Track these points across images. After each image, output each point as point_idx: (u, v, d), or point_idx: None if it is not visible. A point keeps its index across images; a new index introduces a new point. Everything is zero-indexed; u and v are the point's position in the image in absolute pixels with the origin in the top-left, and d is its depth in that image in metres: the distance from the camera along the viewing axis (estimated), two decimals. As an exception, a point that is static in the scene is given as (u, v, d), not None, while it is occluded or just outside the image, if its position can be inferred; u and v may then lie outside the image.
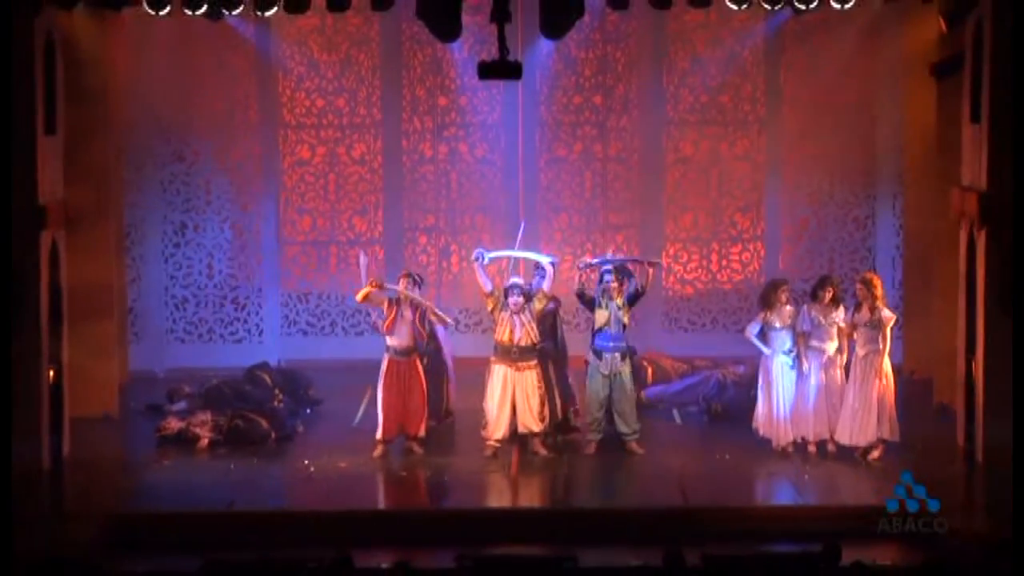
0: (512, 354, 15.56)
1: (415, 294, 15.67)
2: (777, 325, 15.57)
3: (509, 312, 15.53)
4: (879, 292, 15.25)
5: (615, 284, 15.56)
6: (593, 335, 15.72)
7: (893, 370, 15.52)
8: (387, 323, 15.62)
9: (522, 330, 15.52)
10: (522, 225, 16.59)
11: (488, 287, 15.63)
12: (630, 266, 16.06)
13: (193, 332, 20.00)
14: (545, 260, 15.86)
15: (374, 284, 15.62)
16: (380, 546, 12.96)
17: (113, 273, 17.95)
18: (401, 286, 15.62)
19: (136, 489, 14.95)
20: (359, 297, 15.67)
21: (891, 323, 15.21)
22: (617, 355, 15.60)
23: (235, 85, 19.76)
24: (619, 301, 15.55)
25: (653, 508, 14.30)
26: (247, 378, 17.72)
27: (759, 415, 15.75)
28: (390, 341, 15.66)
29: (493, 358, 15.67)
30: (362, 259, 15.75)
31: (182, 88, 19.55)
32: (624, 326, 15.59)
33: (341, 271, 20.07)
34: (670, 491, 14.77)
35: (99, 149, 17.40)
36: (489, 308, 15.71)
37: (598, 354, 15.65)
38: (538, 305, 15.59)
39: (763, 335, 15.66)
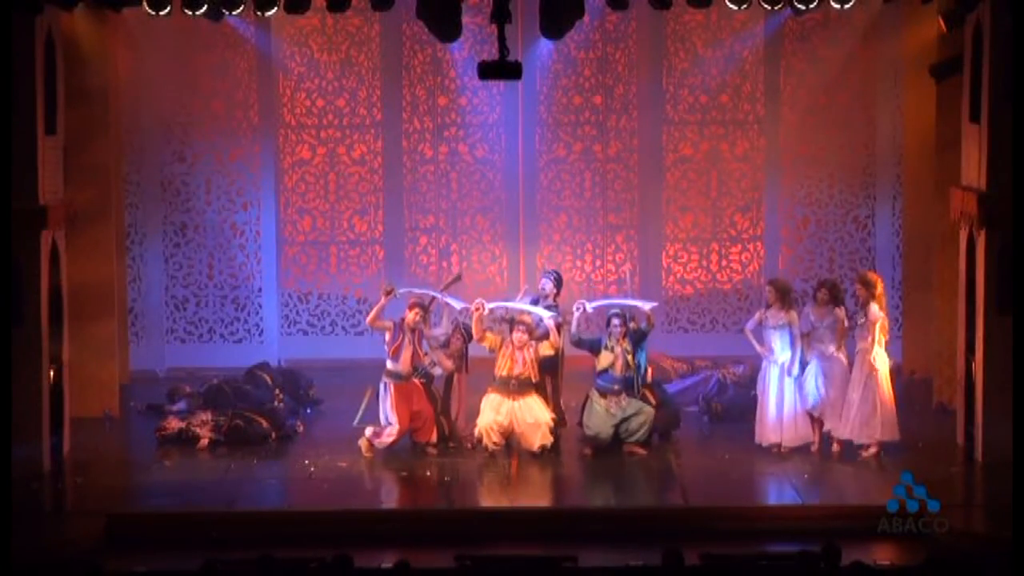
0: (510, 386, 15.53)
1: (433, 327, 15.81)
2: (771, 324, 15.63)
3: (512, 348, 15.49)
4: (877, 291, 15.29)
5: (622, 329, 15.52)
6: (597, 375, 15.68)
7: (892, 370, 15.53)
8: (394, 347, 15.60)
9: (523, 366, 15.49)
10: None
11: (478, 336, 15.54)
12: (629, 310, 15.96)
13: (193, 332, 20.00)
14: (547, 315, 15.70)
15: (387, 292, 15.62)
16: (380, 546, 12.97)
17: (113, 273, 17.95)
18: (410, 318, 15.62)
19: (136, 489, 14.96)
20: (370, 319, 15.68)
21: (877, 322, 15.21)
22: (623, 395, 15.55)
23: (235, 85, 19.75)
24: (626, 345, 15.52)
25: (653, 508, 14.32)
26: (247, 378, 17.71)
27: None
28: (391, 365, 15.63)
29: (490, 388, 15.62)
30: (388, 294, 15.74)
31: (182, 88, 19.55)
32: (629, 366, 15.53)
33: (341, 271, 20.08)
34: (670, 491, 14.78)
35: (99, 149, 17.40)
36: (488, 348, 15.64)
37: (603, 393, 15.60)
38: (544, 351, 15.56)
39: (759, 334, 15.74)
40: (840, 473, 15.14)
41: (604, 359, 15.55)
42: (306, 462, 15.53)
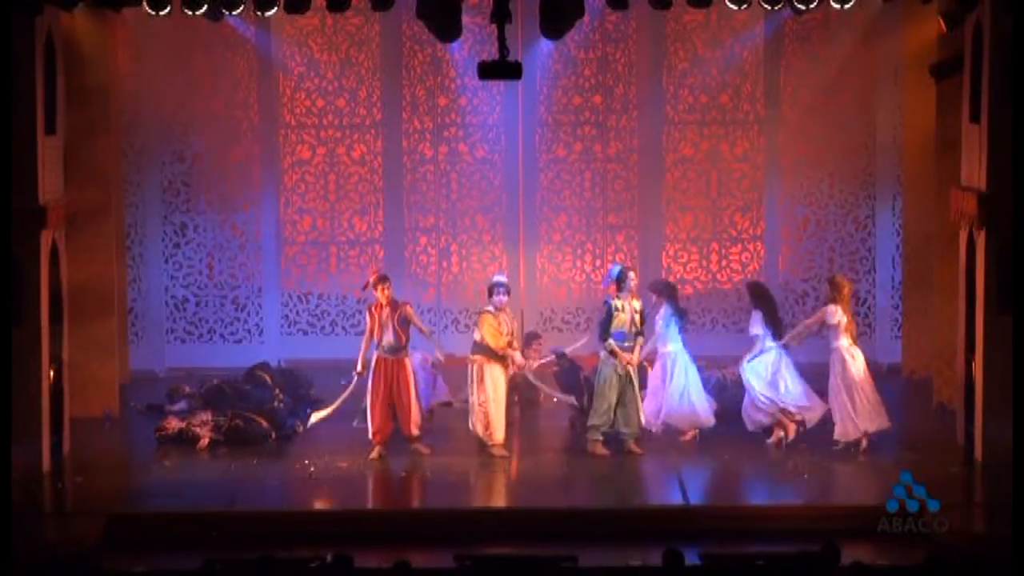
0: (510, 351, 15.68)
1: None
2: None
3: (495, 311, 15.60)
4: (845, 294, 15.48)
5: (635, 282, 15.63)
6: (613, 336, 15.76)
7: (869, 369, 15.65)
8: (368, 333, 15.73)
9: (506, 327, 15.70)
10: None
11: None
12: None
13: (193, 332, 20.00)
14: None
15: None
16: (380, 546, 12.97)
17: (113, 273, 17.94)
18: (384, 297, 15.76)
19: (136, 489, 14.96)
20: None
21: (825, 316, 15.55)
22: (633, 352, 15.66)
23: (235, 85, 19.75)
24: (637, 304, 15.64)
25: (653, 508, 14.32)
26: (247, 378, 17.70)
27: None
28: (384, 342, 15.72)
29: (480, 357, 15.66)
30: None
31: (182, 88, 19.54)
32: (637, 323, 15.66)
33: (341, 271, 20.07)
34: (670, 491, 14.78)
35: (99, 149, 17.40)
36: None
37: (613, 352, 15.66)
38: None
39: None
40: (840, 473, 15.15)
41: (618, 322, 15.64)
42: (306, 462, 15.53)
